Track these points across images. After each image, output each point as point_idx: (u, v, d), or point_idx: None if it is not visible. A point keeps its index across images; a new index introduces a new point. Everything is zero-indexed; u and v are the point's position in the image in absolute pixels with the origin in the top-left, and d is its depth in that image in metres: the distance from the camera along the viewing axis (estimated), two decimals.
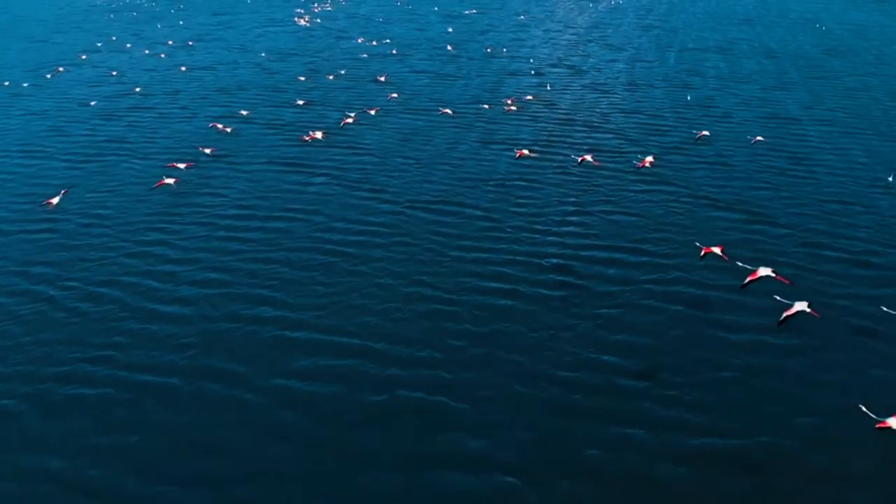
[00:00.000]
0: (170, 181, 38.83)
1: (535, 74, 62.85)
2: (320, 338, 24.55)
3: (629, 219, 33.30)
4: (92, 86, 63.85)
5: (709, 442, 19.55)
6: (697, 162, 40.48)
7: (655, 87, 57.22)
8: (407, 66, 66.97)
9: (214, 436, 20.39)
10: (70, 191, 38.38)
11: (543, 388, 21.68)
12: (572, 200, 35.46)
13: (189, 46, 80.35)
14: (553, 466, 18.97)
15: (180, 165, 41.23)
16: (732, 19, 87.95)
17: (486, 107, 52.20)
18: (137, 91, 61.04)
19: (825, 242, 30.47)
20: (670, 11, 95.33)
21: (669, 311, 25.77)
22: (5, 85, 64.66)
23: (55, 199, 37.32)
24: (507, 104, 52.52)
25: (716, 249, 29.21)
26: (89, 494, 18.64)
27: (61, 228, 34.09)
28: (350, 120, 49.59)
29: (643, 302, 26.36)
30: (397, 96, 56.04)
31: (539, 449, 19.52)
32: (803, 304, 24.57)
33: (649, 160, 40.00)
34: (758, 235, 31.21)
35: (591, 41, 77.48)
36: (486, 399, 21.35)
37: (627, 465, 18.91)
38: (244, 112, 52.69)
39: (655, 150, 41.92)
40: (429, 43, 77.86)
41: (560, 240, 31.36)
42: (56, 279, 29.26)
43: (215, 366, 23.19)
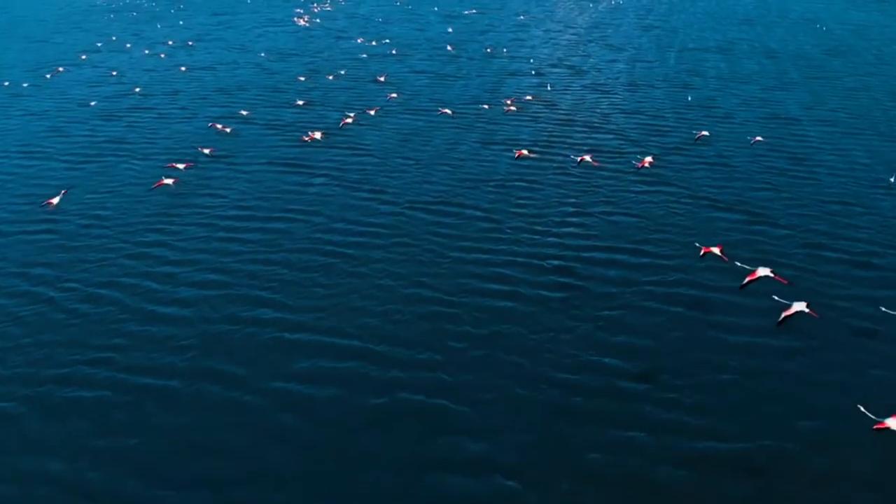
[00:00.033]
0: (169, 181, 38.76)
1: (536, 75, 62.77)
2: (320, 339, 24.51)
3: (630, 220, 33.25)
4: (92, 86, 63.81)
5: (709, 445, 19.49)
6: (698, 162, 40.43)
7: (656, 88, 57.16)
8: (407, 67, 66.91)
9: (214, 438, 20.35)
10: (69, 191, 38.32)
11: (544, 391, 21.64)
12: (573, 201, 35.41)
13: (189, 46, 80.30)
14: (553, 469, 18.92)
15: (179, 166, 41.15)
16: (733, 19, 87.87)
17: (486, 107, 52.14)
18: (137, 91, 60.99)
19: (826, 243, 30.41)
20: (670, 11, 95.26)
21: (670, 313, 25.73)
22: (5, 85, 64.61)
23: (55, 199, 37.26)
24: (507, 104, 52.44)
25: (715, 250, 29.20)
26: (89, 497, 18.59)
27: (61, 229, 34.04)
28: (349, 120, 49.51)
29: (644, 303, 26.31)
30: (397, 96, 55.98)
31: (539, 451, 19.47)
32: (802, 305, 24.64)
33: (649, 160, 39.92)
34: (758, 236, 31.16)
35: (592, 41, 77.41)
36: (487, 401, 21.30)
37: (628, 468, 18.86)
38: (244, 112, 52.64)
39: (656, 151, 41.88)
40: (428, 43, 77.80)
41: (560, 241, 31.31)
42: (55, 280, 29.22)
43: (215, 368, 23.15)
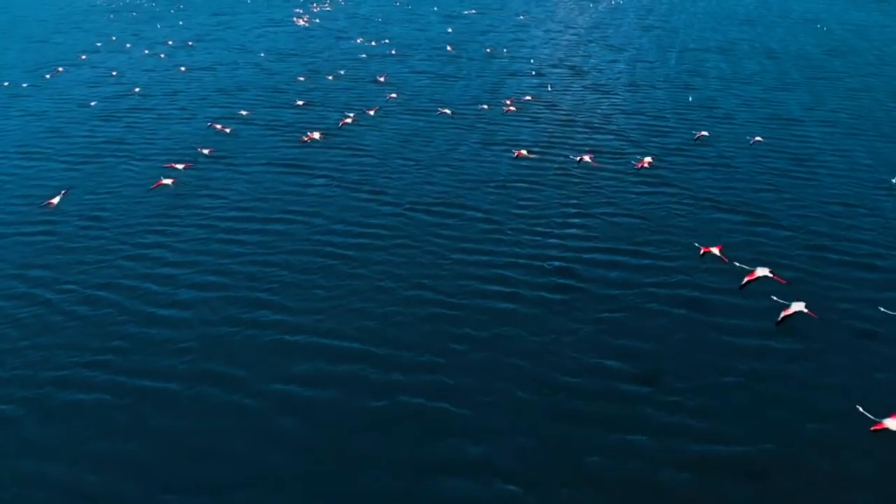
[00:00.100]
0: (167, 182, 38.65)
1: (536, 75, 62.64)
2: (320, 342, 24.37)
3: (631, 221, 33.11)
4: (91, 86, 63.70)
5: (712, 448, 19.36)
6: (699, 163, 40.29)
7: (657, 88, 57.03)
8: (407, 67, 66.79)
9: (213, 441, 20.22)
10: (68, 192, 38.20)
11: (545, 394, 21.51)
12: (574, 202, 35.28)
13: (189, 47, 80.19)
14: (554, 473, 18.78)
15: (178, 166, 41.05)
16: (733, 19, 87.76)
17: (487, 108, 52.01)
18: (136, 91, 60.87)
19: (828, 245, 30.28)
20: (671, 12, 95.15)
21: (672, 315, 25.60)
22: (4, 85, 64.51)
23: (55, 199, 37.19)
24: (508, 105, 52.30)
25: (714, 250, 29.20)
26: (88, 501, 18.47)
27: (59, 231, 33.92)
28: (349, 120, 49.39)
29: (646, 305, 26.18)
30: (397, 97, 55.87)
31: (540, 455, 19.33)
32: (800, 305, 24.67)
33: (648, 161, 39.82)
34: (761, 238, 31.03)
35: (592, 41, 77.29)
36: (487, 404, 21.16)
37: (630, 472, 18.72)
38: (243, 113, 52.52)
39: (657, 152, 41.75)
40: (429, 43, 77.68)
41: (562, 242, 31.18)
42: (54, 282, 29.09)
43: (214, 370, 23.02)
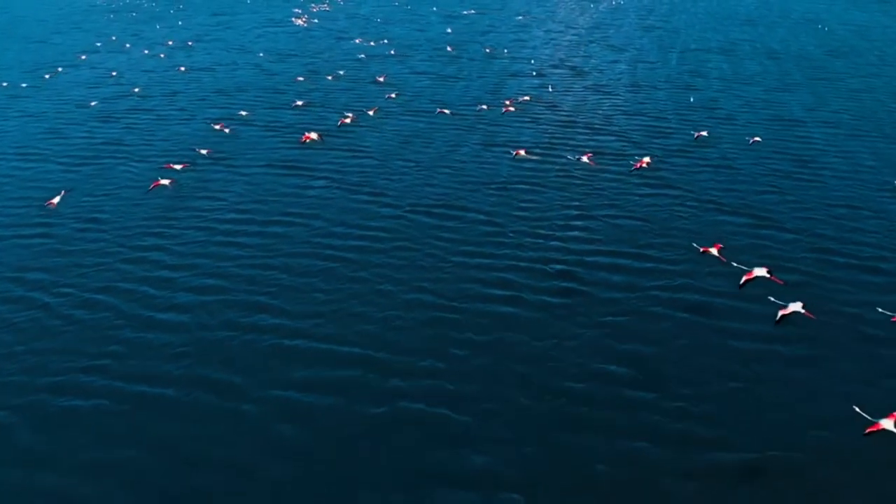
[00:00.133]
0: (165, 182, 38.36)
1: (537, 76, 62.31)
2: (319, 347, 24.06)
3: (634, 223, 32.80)
4: (90, 87, 63.37)
5: (718, 456, 19.05)
6: (702, 165, 39.98)
7: (658, 89, 56.71)
8: (407, 68, 66.47)
9: (211, 448, 19.90)
10: (67, 194, 37.88)
11: (548, 401, 21.18)
12: (576, 204, 34.96)
13: (188, 47, 79.88)
14: (558, 482, 18.47)
15: (176, 167, 40.78)
16: (734, 20, 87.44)
17: (487, 108, 51.67)
18: (136, 92, 60.57)
19: (833, 248, 29.97)
20: (672, 12, 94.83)
21: (675, 319, 25.31)
22: (3, 86, 64.18)
23: (56, 199, 36.94)
24: (508, 106, 51.98)
25: (713, 250, 29.18)
26: None
27: (57, 233, 33.60)
28: (348, 120, 49.11)
29: (649, 309, 25.88)
30: (397, 98, 55.54)
31: (543, 463, 19.01)
32: (798, 305, 24.91)
33: (646, 161, 39.57)
34: (765, 240, 30.72)
35: (593, 42, 76.98)
36: (490, 412, 20.84)
37: (635, 481, 18.41)
38: (243, 113, 52.21)
39: (658, 153, 41.46)
40: (429, 44, 77.35)
41: (564, 245, 30.87)
42: (51, 286, 28.77)
43: (212, 376, 22.70)
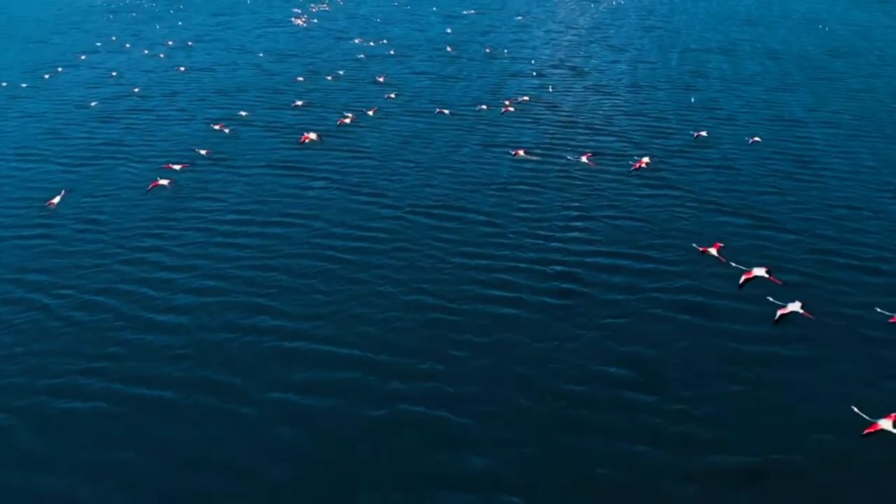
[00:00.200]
0: (164, 182, 38.33)
1: (537, 76, 62.22)
2: (319, 348, 23.99)
3: (634, 224, 32.72)
4: (90, 87, 63.29)
5: (719, 459, 18.99)
6: (702, 165, 39.90)
7: (658, 89, 56.62)
8: (407, 68, 66.38)
9: (210, 451, 19.83)
10: (67, 194, 37.82)
11: (549, 403, 21.11)
12: (576, 205, 34.89)
13: (188, 47, 79.79)
14: (559, 485, 18.40)
15: (176, 167, 40.76)
16: (735, 20, 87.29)
17: (487, 109, 51.58)
18: (136, 92, 60.50)
19: (834, 249, 29.90)
20: (672, 12, 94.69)
21: (676, 321, 25.24)
22: (3, 86, 64.11)
23: (56, 199, 36.93)
24: (508, 106, 51.90)
25: (712, 250, 29.23)
26: None
27: (56, 234, 33.53)
28: (347, 120, 49.07)
29: (649, 311, 25.81)
30: (397, 98, 55.45)
31: (544, 466, 18.95)
32: (797, 305, 25.05)
33: (645, 161, 39.55)
34: (765, 241, 30.64)
35: (593, 42, 76.88)
36: (490, 413, 20.77)
37: (636, 484, 18.34)
38: (243, 113, 52.13)
39: (659, 153, 41.39)
40: (428, 44, 77.25)
41: (564, 246, 30.79)
42: (50, 287, 28.70)
43: (211, 378, 22.63)
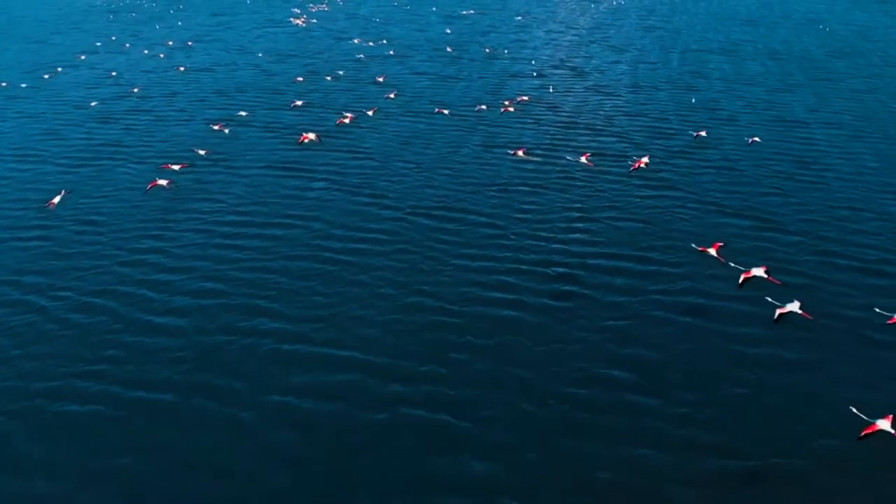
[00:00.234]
0: (163, 183, 38.18)
1: (538, 76, 62.03)
2: (319, 351, 23.81)
3: (635, 225, 32.54)
4: (90, 87, 63.08)
5: (721, 462, 18.84)
6: (703, 166, 39.72)
7: (659, 90, 56.43)
8: (407, 68, 66.18)
9: (208, 456, 19.67)
10: (67, 194, 37.63)
11: (550, 406, 20.93)
12: (577, 206, 34.71)
13: (188, 47, 79.58)
14: (560, 489, 18.24)
15: (175, 167, 40.62)
16: (735, 20, 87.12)
17: (488, 109, 51.37)
18: (135, 92, 60.31)
19: (837, 250, 29.74)
20: (672, 12, 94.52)
21: (678, 323, 25.08)
22: (2, 86, 63.88)
23: (56, 199, 36.82)
24: (509, 107, 51.71)
25: (711, 250, 29.22)
26: None
27: (54, 235, 33.34)
28: (346, 120, 48.92)
29: (651, 313, 25.64)
30: (397, 98, 55.24)
31: (546, 470, 18.77)
32: (795, 305, 25.14)
33: (645, 161, 39.42)
34: (768, 243, 30.46)
35: (594, 42, 76.68)
36: (491, 417, 20.60)
37: (638, 488, 18.19)
38: (242, 114, 51.94)
39: (660, 154, 41.23)
40: (429, 44, 77.06)
41: (565, 247, 30.61)
42: (48, 289, 28.51)
43: (210, 381, 22.44)
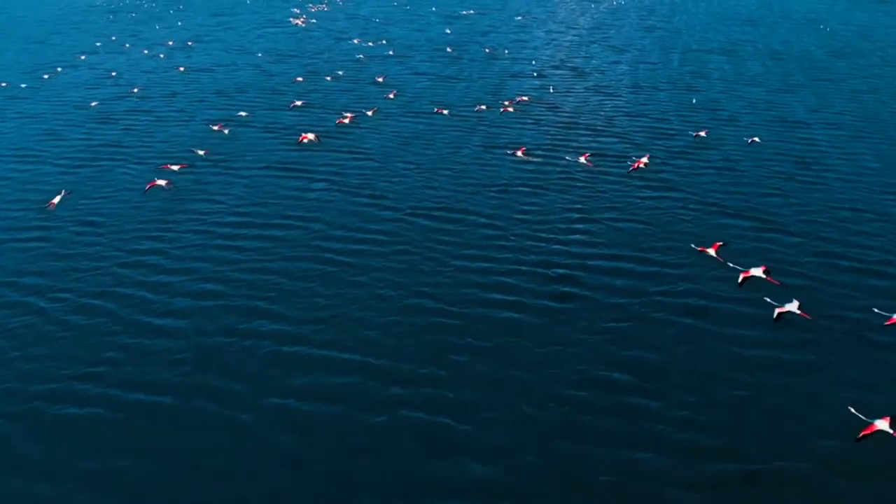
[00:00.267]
0: (161, 183, 38.13)
1: (538, 77, 61.95)
2: (318, 353, 23.74)
3: (636, 226, 32.47)
4: (89, 88, 62.99)
5: (723, 466, 18.76)
6: (704, 167, 39.65)
7: (659, 90, 56.36)
8: (407, 68, 66.10)
9: (208, 458, 19.60)
10: (67, 194, 37.57)
11: (551, 409, 20.85)
12: (578, 207, 34.63)
13: (188, 47, 79.51)
14: (560, 492, 18.17)
15: (174, 167, 40.56)
16: (735, 20, 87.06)
17: (488, 109, 51.30)
18: (135, 92, 60.23)
19: (838, 252, 29.66)
20: (673, 12, 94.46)
21: (679, 325, 24.99)
22: (2, 87, 63.79)
23: (56, 199, 36.79)
24: (509, 107, 51.65)
25: (710, 250, 29.20)
26: None
27: (53, 236, 33.25)
28: (346, 120, 48.87)
29: (652, 315, 25.56)
30: (398, 99, 55.17)
31: (547, 474, 18.70)
32: (794, 305, 25.20)
33: (643, 161, 39.38)
34: (769, 244, 30.38)
35: (594, 42, 76.61)
36: (491, 420, 20.52)
37: (638, 491, 18.12)
38: (242, 114, 51.86)
39: (661, 155, 41.16)
40: (428, 44, 76.99)
41: (566, 248, 30.53)
42: (47, 290, 28.44)
43: (210, 383, 22.36)
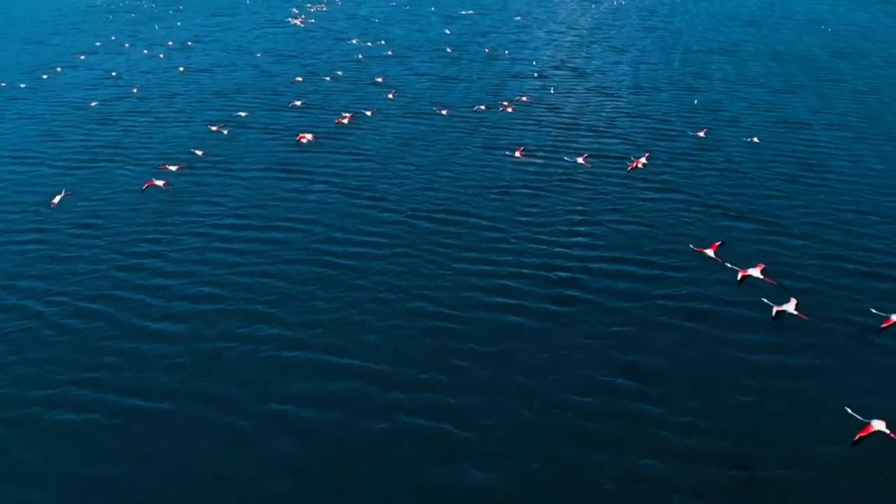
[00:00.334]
0: (159, 183, 37.93)
1: (538, 77, 61.71)
2: (318, 358, 23.50)
3: (639, 229, 32.23)
4: (88, 88, 62.80)
5: (727, 472, 18.55)
6: (706, 168, 39.40)
7: (661, 91, 56.11)
8: (407, 69, 65.87)
9: (206, 464, 19.38)
10: (67, 195, 37.36)
11: (553, 414, 20.61)
12: (579, 209, 34.40)
13: (187, 48, 79.30)
14: (562, 499, 17.94)
15: (172, 168, 40.37)
16: (737, 21, 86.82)
17: (488, 110, 51.09)
18: (134, 93, 60.04)
19: (842, 254, 29.43)
20: (673, 13, 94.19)
21: (682, 329, 24.75)
22: (1, 87, 63.57)
23: (56, 199, 36.63)
24: (510, 108, 51.43)
25: (709, 251, 29.09)
26: None
27: (51, 239, 33.02)
28: (345, 120, 48.68)
29: (655, 318, 25.33)
30: (397, 100, 54.94)
31: (549, 481, 18.47)
32: (791, 304, 25.21)
33: (642, 161, 39.19)
34: (772, 247, 30.12)
35: (594, 43, 76.36)
36: (492, 426, 20.29)
37: (641, 498, 17.89)
38: (241, 114, 51.64)
39: (663, 156, 40.94)
40: (428, 45, 76.76)
41: (568, 251, 30.30)
42: (44, 294, 28.21)
43: (208, 389, 22.13)
